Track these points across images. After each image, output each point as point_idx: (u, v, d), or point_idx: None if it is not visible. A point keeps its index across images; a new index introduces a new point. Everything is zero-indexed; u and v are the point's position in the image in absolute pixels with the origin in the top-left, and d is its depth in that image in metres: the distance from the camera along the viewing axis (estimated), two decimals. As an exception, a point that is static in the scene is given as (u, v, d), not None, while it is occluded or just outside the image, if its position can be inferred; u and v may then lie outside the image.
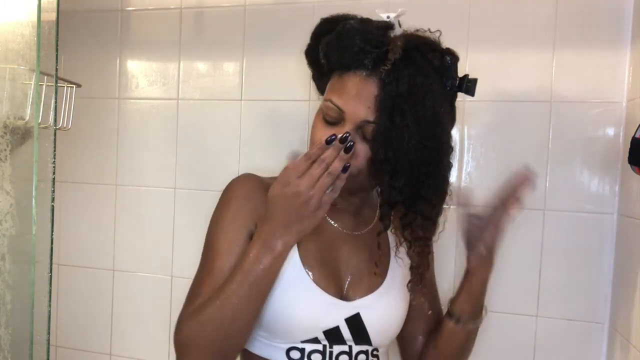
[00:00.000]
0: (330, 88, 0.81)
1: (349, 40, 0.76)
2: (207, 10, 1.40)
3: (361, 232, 0.89)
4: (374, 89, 0.75)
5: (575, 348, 1.18)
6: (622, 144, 1.14)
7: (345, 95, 0.77)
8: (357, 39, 0.76)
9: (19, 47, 0.82)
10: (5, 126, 0.84)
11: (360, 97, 0.76)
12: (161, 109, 1.44)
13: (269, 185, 0.82)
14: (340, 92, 0.77)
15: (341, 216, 0.88)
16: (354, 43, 0.76)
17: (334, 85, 0.80)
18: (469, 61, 1.22)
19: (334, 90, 0.79)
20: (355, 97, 0.76)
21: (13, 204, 0.83)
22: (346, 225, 0.88)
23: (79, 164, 1.50)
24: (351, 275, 0.85)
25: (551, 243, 1.19)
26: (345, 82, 0.78)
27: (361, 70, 0.76)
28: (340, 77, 0.79)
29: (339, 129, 0.77)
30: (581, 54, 1.16)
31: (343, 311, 0.81)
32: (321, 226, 0.84)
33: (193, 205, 1.42)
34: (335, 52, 0.78)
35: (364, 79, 0.76)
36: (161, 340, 1.45)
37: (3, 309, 0.83)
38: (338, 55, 0.78)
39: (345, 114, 0.77)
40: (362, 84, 0.76)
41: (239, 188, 0.87)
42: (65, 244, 1.52)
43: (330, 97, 0.79)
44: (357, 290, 0.84)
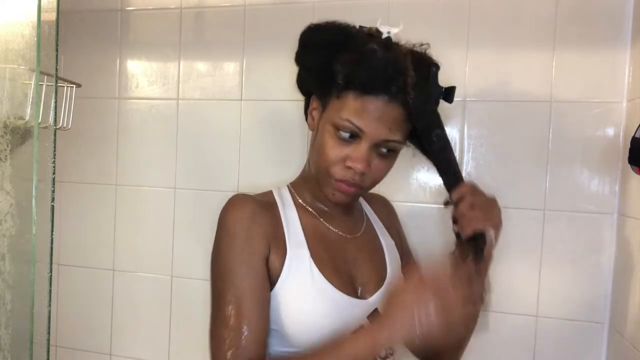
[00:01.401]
0: (344, 106, 0.80)
1: (381, 68, 0.78)
2: (207, 10, 1.40)
3: (358, 233, 0.92)
4: (396, 113, 0.79)
5: (575, 348, 1.18)
6: (622, 144, 1.14)
7: (367, 117, 0.78)
8: (389, 67, 0.78)
9: (19, 47, 0.82)
10: (5, 126, 0.84)
11: (383, 120, 0.78)
12: (161, 109, 1.44)
13: (265, 202, 0.85)
14: (361, 114, 0.78)
15: (337, 221, 0.90)
16: (386, 71, 0.77)
17: (351, 105, 0.79)
18: (469, 61, 1.22)
19: (353, 110, 0.79)
20: (378, 119, 0.78)
21: (13, 204, 0.83)
22: (344, 230, 0.90)
23: (79, 164, 1.50)
24: (361, 276, 0.87)
25: (551, 243, 1.19)
26: (366, 104, 0.78)
27: (384, 95, 0.78)
28: (359, 98, 0.79)
29: (354, 146, 0.80)
30: (581, 54, 1.16)
31: (364, 310, 0.83)
32: (325, 234, 0.87)
33: (193, 205, 1.42)
34: (364, 75, 0.78)
35: (387, 103, 0.78)
36: (161, 340, 1.45)
37: (3, 309, 0.83)
38: (367, 78, 0.78)
39: (365, 134, 0.79)
40: (385, 108, 0.78)
41: (240, 212, 0.83)
42: (65, 244, 1.52)
43: (349, 117, 0.79)
44: (369, 288, 0.86)
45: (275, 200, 0.88)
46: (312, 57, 0.86)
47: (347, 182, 0.81)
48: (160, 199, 1.44)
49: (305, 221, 0.86)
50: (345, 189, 0.82)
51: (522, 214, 1.20)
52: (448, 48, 1.24)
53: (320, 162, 0.83)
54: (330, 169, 0.82)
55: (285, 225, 0.84)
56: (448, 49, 1.24)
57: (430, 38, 1.25)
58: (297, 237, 0.84)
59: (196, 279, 1.41)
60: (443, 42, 1.24)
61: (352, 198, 0.86)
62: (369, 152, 0.80)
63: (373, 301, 0.85)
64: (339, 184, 0.82)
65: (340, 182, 0.82)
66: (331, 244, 0.87)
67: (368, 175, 0.82)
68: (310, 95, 0.90)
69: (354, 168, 0.79)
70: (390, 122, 0.79)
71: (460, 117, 1.23)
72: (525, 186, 1.20)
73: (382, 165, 0.82)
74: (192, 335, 1.43)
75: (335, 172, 0.82)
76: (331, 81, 0.82)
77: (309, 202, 0.90)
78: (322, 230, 0.88)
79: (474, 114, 1.23)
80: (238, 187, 1.38)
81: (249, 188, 1.37)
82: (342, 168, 0.81)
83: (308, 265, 0.81)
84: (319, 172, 0.85)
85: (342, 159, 0.81)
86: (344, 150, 0.80)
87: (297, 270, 0.80)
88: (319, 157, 0.84)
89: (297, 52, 0.89)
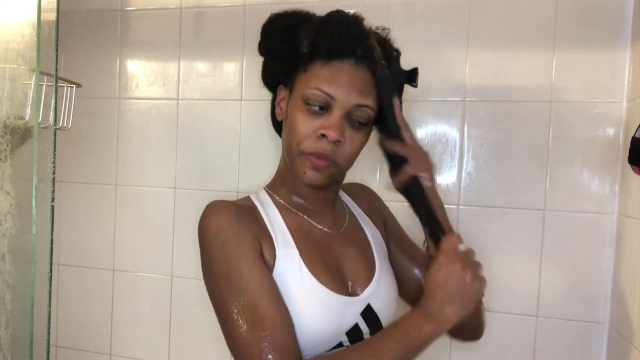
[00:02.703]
0: (311, 76, 0.80)
1: (344, 29, 0.79)
2: (207, 10, 1.40)
3: (342, 228, 0.90)
4: (364, 76, 0.79)
5: (575, 348, 1.18)
6: (622, 144, 1.14)
7: (336, 82, 0.78)
8: (354, 28, 0.79)
9: (19, 47, 0.82)
10: (5, 126, 0.84)
11: (353, 84, 0.78)
12: (161, 109, 1.44)
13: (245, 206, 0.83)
14: (330, 80, 0.78)
15: (320, 217, 0.88)
16: (350, 32, 0.78)
17: (319, 73, 0.79)
18: (469, 61, 1.22)
19: (321, 78, 0.79)
20: (347, 83, 0.78)
21: (13, 204, 0.83)
22: (328, 225, 0.88)
23: (79, 164, 1.50)
24: (350, 272, 0.86)
25: (551, 243, 1.19)
26: (334, 69, 0.78)
27: (350, 59, 0.78)
28: (326, 64, 0.79)
29: (326, 117, 0.78)
30: (581, 54, 1.16)
31: (357, 307, 0.82)
32: (311, 231, 0.85)
33: (193, 205, 1.42)
34: (328, 38, 0.79)
35: (354, 67, 0.78)
36: (161, 340, 1.45)
37: (3, 309, 0.83)
38: (332, 42, 0.78)
39: (335, 100, 0.78)
40: (353, 72, 0.78)
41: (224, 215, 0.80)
42: (65, 244, 1.52)
43: (318, 85, 0.78)
44: (360, 283, 0.85)
45: (254, 204, 0.86)
46: (274, 41, 0.87)
47: (318, 154, 0.78)
48: (160, 199, 1.44)
49: (289, 220, 0.84)
50: (317, 163, 0.78)
51: (522, 214, 1.20)
52: (448, 48, 1.24)
53: (292, 141, 0.81)
54: (301, 144, 0.79)
55: (270, 227, 0.82)
56: (448, 49, 1.24)
57: (430, 38, 1.26)
58: (284, 237, 0.81)
59: (196, 279, 1.41)
60: (443, 42, 1.24)
61: (325, 177, 0.81)
62: (341, 121, 0.78)
63: (365, 296, 0.83)
64: (311, 158, 0.79)
65: (312, 156, 0.78)
66: (318, 242, 0.85)
67: (342, 147, 0.79)
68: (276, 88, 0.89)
69: (328, 135, 0.77)
70: (359, 86, 0.78)
71: (460, 117, 1.23)
72: (525, 186, 1.20)
73: (356, 137, 0.80)
74: (192, 335, 1.43)
75: (306, 146, 0.79)
76: (296, 58, 0.82)
77: (288, 200, 0.87)
78: (306, 227, 0.85)
79: (474, 114, 1.23)
80: (238, 187, 1.38)
81: (249, 188, 1.37)
82: (314, 140, 0.78)
83: (297, 265, 0.78)
84: (291, 152, 0.82)
85: (313, 132, 0.78)
86: (315, 122, 0.78)
87: (287, 271, 0.78)
88: (290, 136, 0.81)
89: (259, 42, 0.90)
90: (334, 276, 0.82)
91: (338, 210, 0.93)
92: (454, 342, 1.23)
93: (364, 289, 0.84)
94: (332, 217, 0.90)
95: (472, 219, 1.22)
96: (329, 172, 0.81)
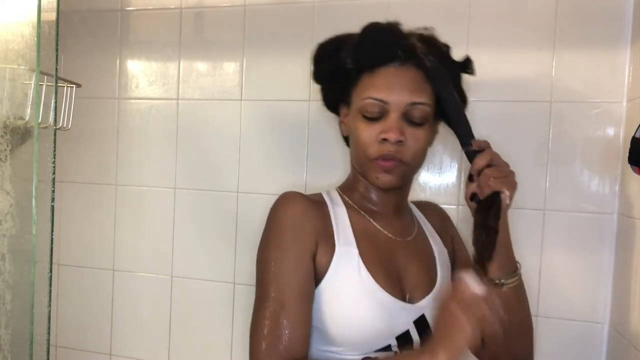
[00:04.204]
0: (362, 88, 0.84)
1: (380, 36, 0.82)
2: (207, 10, 1.40)
3: (409, 238, 0.91)
4: (412, 74, 0.81)
5: (575, 348, 1.18)
6: (622, 144, 1.14)
7: (384, 87, 0.81)
8: (388, 34, 0.82)
9: (19, 47, 0.82)
10: (5, 126, 0.84)
11: (402, 85, 0.80)
12: (161, 109, 1.44)
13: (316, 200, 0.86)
14: (379, 87, 0.81)
15: (387, 223, 0.90)
16: (386, 38, 0.82)
17: (367, 83, 0.83)
18: (469, 61, 1.22)
19: (369, 87, 0.82)
20: (396, 85, 0.80)
21: (13, 204, 0.83)
22: (394, 232, 0.89)
23: (79, 164, 1.50)
24: (410, 280, 0.86)
25: (551, 243, 1.19)
26: (380, 76, 0.82)
27: (394, 62, 0.81)
28: (372, 74, 0.82)
29: (384, 122, 0.81)
30: (581, 53, 1.16)
31: (411, 314, 0.82)
32: (375, 235, 0.87)
33: (193, 205, 1.42)
34: (369, 49, 0.82)
35: (399, 68, 0.81)
36: (161, 340, 1.45)
37: (3, 309, 0.83)
38: (372, 51, 0.82)
39: (388, 104, 0.81)
40: (399, 73, 0.81)
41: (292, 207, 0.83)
42: (65, 244, 1.52)
43: (369, 94, 0.82)
44: (418, 293, 0.85)
45: (324, 200, 0.89)
46: (324, 66, 0.91)
47: (384, 156, 0.81)
48: (160, 199, 1.44)
49: (354, 220, 0.86)
50: (384, 165, 0.82)
51: (522, 214, 1.20)
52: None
53: (359, 151, 0.85)
54: (367, 151, 0.83)
55: (334, 223, 0.84)
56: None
57: (430, 38, 1.26)
58: (346, 235, 0.83)
59: (196, 279, 1.41)
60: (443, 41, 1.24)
61: (397, 177, 0.84)
62: (399, 122, 0.81)
63: (421, 306, 0.84)
64: (378, 162, 0.82)
65: (378, 160, 0.82)
66: (380, 245, 0.86)
67: (406, 145, 0.81)
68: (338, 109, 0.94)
69: (389, 138, 0.80)
70: (409, 85, 0.80)
71: (460, 117, 1.23)
72: (525, 186, 1.20)
73: (417, 134, 0.82)
74: (192, 335, 1.43)
75: (372, 152, 0.82)
76: (345, 77, 0.86)
77: (357, 203, 0.90)
78: (371, 230, 0.87)
79: (474, 114, 1.22)
80: (238, 187, 1.38)
81: (249, 188, 1.37)
82: (377, 145, 0.82)
83: (356, 263, 0.80)
84: (360, 162, 0.86)
85: (375, 137, 0.82)
86: (374, 129, 0.82)
87: (345, 268, 0.80)
88: (357, 147, 0.85)
89: (312, 72, 0.94)
90: (392, 280, 0.83)
91: (406, 219, 0.95)
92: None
93: (420, 299, 0.85)
94: (399, 225, 0.91)
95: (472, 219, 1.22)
96: (399, 171, 0.84)
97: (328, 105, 0.97)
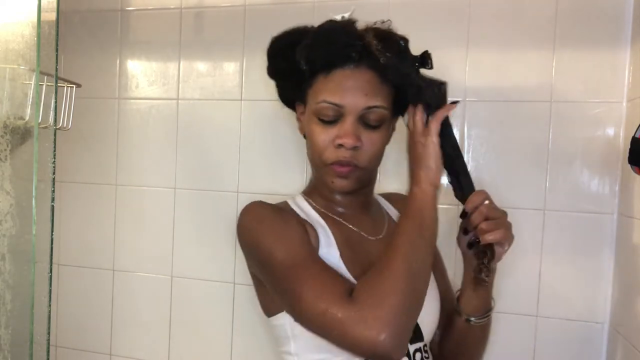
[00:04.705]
0: (317, 90, 0.82)
1: (334, 38, 0.79)
2: (207, 10, 1.40)
3: (381, 235, 0.90)
4: (367, 77, 0.79)
5: (575, 348, 1.18)
6: (622, 144, 1.14)
7: (339, 90, 0.79)
8: (342, 35, 0.80)
9: (19, 47, 0.82)
10: (5, 126, 0.84)
11: (356, 88, 0.78)
12: (161, 109, 1.44)
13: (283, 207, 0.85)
14: (333, 90, 0.79)
15: (358, 222, 0.88)
16: (340, 39, 0.79)
17: (322, 86, 0.81)
18: (469, 61, 1.22)
19: (324, 90, 0.80)
20: (351, 89, 0.78)
21: (13, 204, 0.83)
22: (366, 231, 0.89)
23: (79, 164, 1.50)
24: None
25: (551, 243, 1.19)
26: (335, 79, 0.79)
27: (349, 64, 0.79)
28: (327, 76, 0.80)
29: (340, 125, 0.79)
30: (581, 53, 1.16)
31: None
32: (350, 235, 0.85)
33: (193, 205, 1.42)
34: (322, 51, 0.79)
35: (354, 71, 0.79)
36: (161, 340, 1.45)
37: (3, 309, 0.83)
38: (326, 53, 0.79)
39: (344, 108, 0.79)
40: (354, 75, 0.79)
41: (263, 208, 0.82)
42: (65, 244, 1.52)
43: (324, 97, 0.79)
44: None
45: (292, 207, 0.88)
46: (278, 63, 0.88)
47: (340, 162, 0.80)
48: (160, 199, 1.44)
49: (329, 223, 0.85)
50: (340, 170, 0.81)
51: (522, 214, 1.20)
52: (448, 48, 1.24)
53: (314, 154, 0.83)
54: (322, 155, 0.81)
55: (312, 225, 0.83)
56: (448, 49, 1.24)
57: (430, 38, 1.26)
58: (327, 236, 0.82)
59: (196, 279, 1.41)
60: (443, 42, 1.24)
61: (353, 182, 0.83)
62: (355, 126, 0.79)
63: None
64: (334, 167, 0.81)
65: (334, 165, 0.81)
66: (356, 246, 0.85)
67: (361, 150, 0.80)
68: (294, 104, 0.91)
69: (344, 144, 0.78)
70: (364, 88, 0.78)
71: (460, 117, 1.23)
72: (525, 186, 1.20)
73: (374, 137, 0.81)
74: (192, 335, 1.43)
75: (327, 157, 0.81)
76: (300, 75, 0.83)
77: (325, 206, 0.89)
78: (346, 231, 0.86)
79: (474, 114, 1.23)
80: (238, 187, 1.38)
81: (249, 188, 1.37)
82: (333, 150, 0.80)
83: (337, 266, 0.79)
84: (316, 165, 0.85)
85: (330, 142, 0.80)
86: (330, 132, 0.80)
87: None
88: (312, 150, 0.84)
89: (267, 67, 0.91)
90: None
91: (376, 216, 0.93)
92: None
93: None
94: (369, 222, 0.90)
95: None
96: (355, 176, 0.83)
97: (283, 101, 0.95)
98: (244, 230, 0.82)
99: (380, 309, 0.67)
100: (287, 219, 0.80)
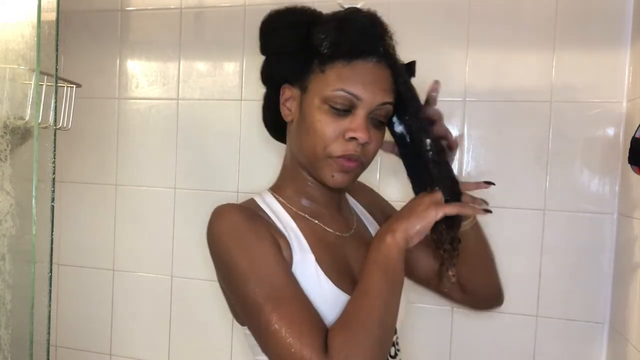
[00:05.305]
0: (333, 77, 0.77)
1: (370, 28, 0.78)
2: (207, 10, 1.40)
3: (352, 230, 0.89)
4: (386, 74, 0.78)
5: (575, 348, 1.18)
6: (622, 144, 1.14)
7: (360, 82, 0.76)
8: (377, 26, 0.78)
9: (19, 47, 0.82)
10: (5, 126, 0.84)
11: (377, 83, 0.77)
12: (161, 109, 1.44)
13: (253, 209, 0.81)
14: (355, 80, 0.76)
15: (330, 220, 0.86)
16: (372, 30, 0.78)
17: (342, 73, 0.77)
18: (469, 61, 1.22)
19: (344, 78, 0.76)
20: (372, 83, 0.77)
21: (13, 204, 0.83)
22: (339, 229, 0.87)
23: (79, 164, 1.50)
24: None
25: (551, 243, 1.19)
26: (357, 69, 0.77)
27: (372, 57, 0.77)
28: (349, 64, 0.77)
29: (351, 118, 0.76)
30: (581, 53, 1.16)
31: None
32: (324, 236, 0.83)
33: (193, 205, 1.42)
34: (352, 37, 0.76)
35: (376, 65, 0.77)
36: (161, 340, 1.45)
37: (3, 309, 0.83)
38: (355, 41, 0.76)
39: (361, 100, 0.76)
40: (376, 70, 0.77)
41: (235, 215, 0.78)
42: (65, 244, 1.52)
43: (343, 86, 0.76)
44: None
45: (261, 207, 0.83)
46: (281, 40, 0.83)
47: (348, 157, 0.77)
48: (160, 199, 1.44)
49: (301, 225, 0.82)
50: (347, 165, 0.77)
51: (522, 214, 1.20)
52: (448, 48, 1.24)
53: (316, 144, 0.78)
54: (328, 147, 0.77)
55: (284, 231, 0.79)
56: (448, 49, 1.24)
57: (430, 38, 1.26)
58: (299, 242, 0.79)
59: (196, 279, 1.41)
60: (443, 42, 1.24)
61: (352, 178, 0.81)
62: (366, 121, 0.77)
63: None
64: (340, 161, 0.77)
65: (341, 159, 0.77)
66: (331, 246, 0.83)
67: (368, 147, 0.78)
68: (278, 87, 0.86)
69: (358, 138, 0.75)
70: (384, 84, 0.77)
71: (460, 117, 1.23)
72: (525, 186, 1.20)
73: (378, 135, 0.79)
74: (192, 335, 1.43)
75: (334, 149, 0.77)
76: (308, 59, 0.79)
77: (296, 204, 0.84)
78: (319, 232, 0.83)
79: (474, 114, 1.23)
80: (238, 187, 1.38)
81: (249, 188, 1.37)
82: (342, 143, 0.76)
83: (314, 271, 0.77)
84: (314, 156, 0.79)
85: (340, 134, 0.76)
86: (340, 124, 0.76)
87: (303, 276, 0.76)
88: (313, 139, 0.78)
89: (261, 42, 0.87)
90: (349, 281, 0.81)
91: (346, 212, 0.92)
92: (454, 344, 1.24)
93: None
94: (341, 219, 0.88)
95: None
96: (356, 173, 0.81)
97: (266, 81, 0.90)
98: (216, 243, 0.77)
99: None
100: (261, 236, 0.76)
